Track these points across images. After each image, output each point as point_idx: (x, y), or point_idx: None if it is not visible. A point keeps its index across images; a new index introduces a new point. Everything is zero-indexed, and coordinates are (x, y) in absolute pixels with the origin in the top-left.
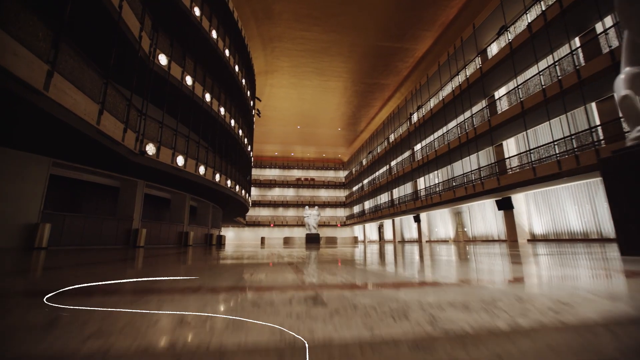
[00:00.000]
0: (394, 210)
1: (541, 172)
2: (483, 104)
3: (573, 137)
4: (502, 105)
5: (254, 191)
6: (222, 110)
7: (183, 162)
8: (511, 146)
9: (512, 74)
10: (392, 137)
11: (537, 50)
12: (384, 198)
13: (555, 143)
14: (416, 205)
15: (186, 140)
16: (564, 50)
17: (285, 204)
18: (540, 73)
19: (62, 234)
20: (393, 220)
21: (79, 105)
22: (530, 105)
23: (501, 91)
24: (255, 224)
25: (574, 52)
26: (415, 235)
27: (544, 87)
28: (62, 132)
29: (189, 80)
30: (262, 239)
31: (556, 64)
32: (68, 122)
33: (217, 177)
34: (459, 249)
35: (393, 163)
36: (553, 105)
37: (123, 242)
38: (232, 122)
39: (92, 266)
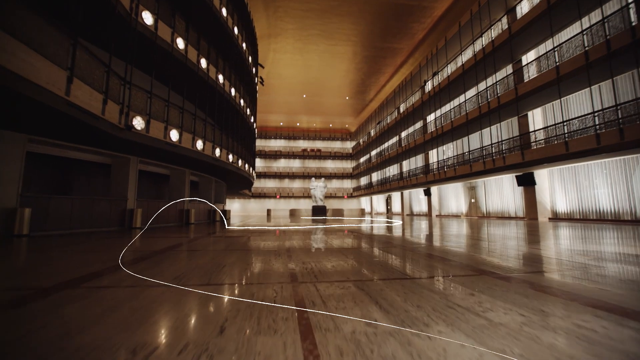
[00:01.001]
0: (403, 183)
1: (575, 147)
2: (508, 70)
3: (619, 107)
4: (531, 72)
5: (259, 162)
6: (220, 77)
7: (177, 137)
8: (537, 117)
9: (547, 34)
10: (403, 107)
11: (580, 5)
12: (392, 170)
13: (596, 114)
14: (428, 178)
15: (180, 112)
16: (610, 6)
17: (291, 176)
18: (584, 32)
19: (47, 218)
20: (402, 193)
21: (40, 72)
22: (568, 70)
23: (529, 56)
24: (261, 195)
25: (629, 5)
26: (424, 208)
27: (587, 48)
28: (24, 105)
29: (180, 43)
30: (268, 211)
31: (605, 20)
32: (26, 93)
33: (217, 151)
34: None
35: (403, 134)
36: (596, 70)
37: (117, 224)
38: (233, 90)
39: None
